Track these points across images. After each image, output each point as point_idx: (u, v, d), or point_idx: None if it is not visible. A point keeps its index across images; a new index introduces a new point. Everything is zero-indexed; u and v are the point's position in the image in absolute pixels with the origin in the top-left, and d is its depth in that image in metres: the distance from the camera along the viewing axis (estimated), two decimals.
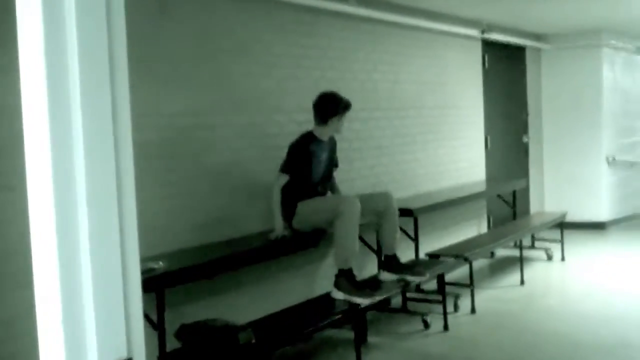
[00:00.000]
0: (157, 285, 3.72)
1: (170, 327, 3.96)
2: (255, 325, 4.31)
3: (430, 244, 6.74)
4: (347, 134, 5.68)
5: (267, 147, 5.27)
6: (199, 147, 4.74)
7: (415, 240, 6.42)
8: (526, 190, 9.50)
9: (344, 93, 5.41)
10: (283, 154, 4.95)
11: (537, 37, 9.93)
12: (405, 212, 5.74)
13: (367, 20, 6.40)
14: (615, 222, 10.35)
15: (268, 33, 5.34)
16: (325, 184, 5.19)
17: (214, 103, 4.86)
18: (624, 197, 10.72)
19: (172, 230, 4.49)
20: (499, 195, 8.28)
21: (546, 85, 10.24)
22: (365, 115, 6.38)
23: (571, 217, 9.02)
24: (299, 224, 4.97)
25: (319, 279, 5.59)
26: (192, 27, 4.70)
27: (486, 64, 8.69)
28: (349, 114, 5.12)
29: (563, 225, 8.29)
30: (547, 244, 8.38)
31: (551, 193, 10.29)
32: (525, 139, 9.75)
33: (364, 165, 6.36)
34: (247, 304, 4.84)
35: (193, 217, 4.67)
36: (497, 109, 9.04)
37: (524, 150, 9.81)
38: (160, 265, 3.84)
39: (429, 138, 7.49)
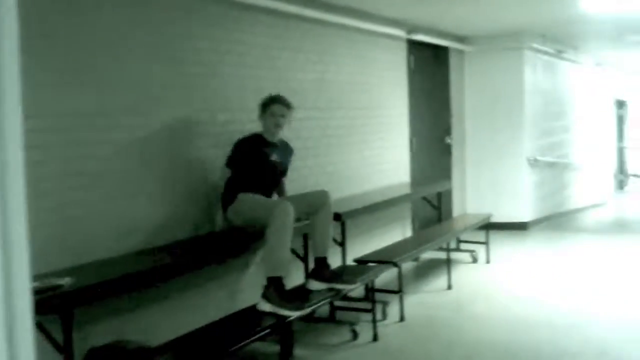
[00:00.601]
0: (60, 305, 3.28)
1: (80, 349, 3.55)
2: (175, 344, 3.93)
3: (357, 249, 6.47)
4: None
5: (193, 148, 4.88)
6: (112, 149, 4.31)
7: (343, 245, 6.14)
8: (450, 192, 9.36)
9: (269, 92, 5.18)
10: (209, 155, 4.62)
11: (461, 39, 9.81)
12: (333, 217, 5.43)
13: (293, 17, 6.07)
14: (537, 222, 10.34)
15: (190, 28, 4.94)
16: (272, 189, 5.03)
17: (130, 102, 4.44)
18: (544, 197, 10.73)
19: (88, 240, 4.05)
20: (424, 198, 8.09)
21: (469, 87, 10.13)
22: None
23: (494, 218, 8.90)
24: (233, 215, 4.74)
25: (243, 290, 5.24)
26: (102, 23, 4.27)
27: (412, 65, 8.49)
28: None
29: (488, 227, 8.16)
30: (472, 246, 8.23)
31: (474, 194, 10.19)
32: (448, 141, 9.61)
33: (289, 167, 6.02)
34: (167, 320, 4.44)
35: (115, 225, 4.26)
36: (421, 110, 8.86)
37: (447, 151, 9.67)
38: (66, 281, 3.40)
39: (355, 139, 7.21)
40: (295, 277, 5.56)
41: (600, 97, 14.37)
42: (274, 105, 4.88)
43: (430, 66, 9.17)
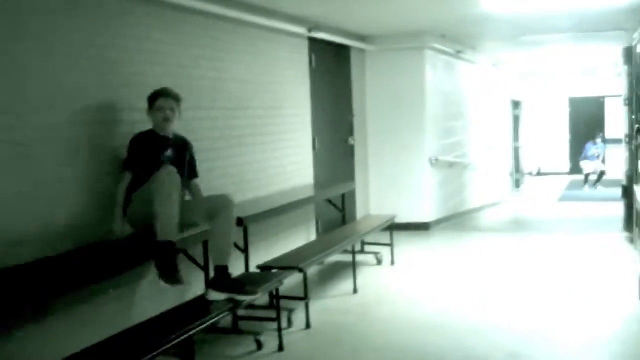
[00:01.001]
0: None
1: None
2: None
3: (260, 255, 6.22)
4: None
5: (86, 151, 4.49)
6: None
7: (245, 251, 5.87)
8: (353, 193, 9.23)
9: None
10: (106, 157, 4.39)
11: (362, 38, 9.68)
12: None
13: (186, 11, 5.74)
14: (438, 222, 10.35)
15: (66, 19, 4.50)
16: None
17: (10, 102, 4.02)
18: (445, 197, 10.76)
19: None
20: (328, 200, 7.90)
21: (370, 87, 10.03)
22: (185, 115, 5.72)
23: (397, 219, 8.83)
24: (132, 215, 4.51)
25: (138, 301, 4.88)
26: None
27: (313, 64, 8.29)
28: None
29: (392, 228, 8.06)
30: (376, 248, 8.11)
31: (377, 195, 10.10)
32: (351, 141, 9.47)
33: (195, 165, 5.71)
34: (53, 342, 4.04)
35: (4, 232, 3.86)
36: (324, 110, 8.68)
37: (350, 152, 9.53)
38: None
39: (256, 140, 6.93)
40: (196, 287, 5.26)
41: (497, 97, 14.62)
42: (160, 99, 4.67)
43: (332, 65, 9.00)
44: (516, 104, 17.15)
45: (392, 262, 7.97)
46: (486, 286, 7.01)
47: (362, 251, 8.14)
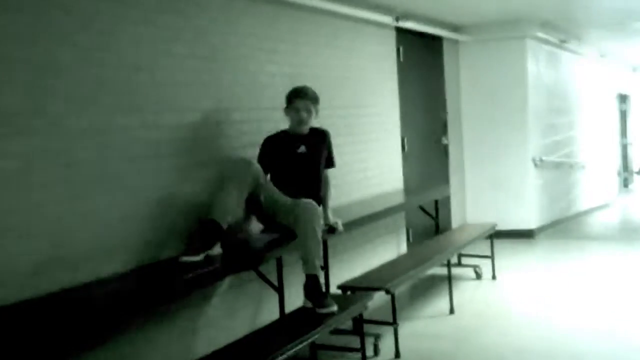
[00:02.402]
0: None
1: None
2: None
3: (342, 272, 5.46)
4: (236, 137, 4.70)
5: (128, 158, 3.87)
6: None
7: (325, 268, 5.12)
8: (448, 198, 8.35)
9: (230, 87, 4.66)
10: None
11: (455, 27, 8.81)
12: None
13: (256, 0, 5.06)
14: (543, 229, 9.34)
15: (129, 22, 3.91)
16: (305, 185, 4.56)
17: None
18: (550, 200, 9.73)
19: None
20: (420, 207, 7.06)
21: (465, 81, 9.12)
22: (257, 115, 5.03)
23: (497, 226, 7.94)
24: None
25: (199, 330, 4.21)
26: None
27: (401, 57, 7.48)
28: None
29: (492, 237, 7.15)
30: (475, 261, 7.22)
31: (474, 200, 9.18)
32: (444, 141, 8.60)
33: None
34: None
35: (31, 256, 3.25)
36: (414, 108, 7.85)
37: (444, 153, 8.65)
38: None
39: (339, 142, 6.14)
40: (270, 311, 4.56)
41: (603, 91, 13.40)
42: (297, 101, 4.55)
43: (423, 58, 8.16)
44: (623, 98, 15.82)
45: (494, 276, 7.07)
46: (606, 305, 6.02)
47: (459, 264, 7.27)
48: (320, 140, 4.72)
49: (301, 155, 4.57)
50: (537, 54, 9.32)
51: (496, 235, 7.30)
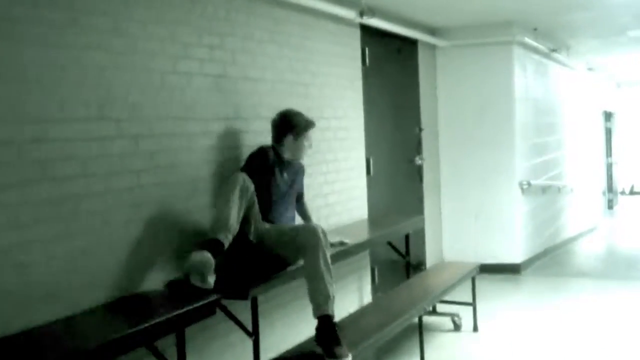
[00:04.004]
0: None
1: None
2: None
3: (283, 336, 4.00)
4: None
5: None
6: None
7: (254, 334, 3.67)
8: (422, 230, 6.92)
9: (122, 90, 3.30)
10: None
11: (432, 30, 7.40)
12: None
13: None
14: (530, 262, 7.92)
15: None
16: (286, 213, 4.12)
17: None
18: (537, 229, 8.34)
19: None
20: (388, 243, 5.61)
21: (443, 92, 7.70)
22: (163, 127, 3.58)
23: (478, 258, 6.59)
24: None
25: None
26: None
27: (367, 61, 6.05)
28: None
29: (474, 281, 5.72)
30: (453, 307, 5.77)
31: (452, 230, 7.74)
32: (418, 161, 7.16)
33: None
34: None
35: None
36: (382, 122, 6.43)
37: (417, 176, 7.21)
38: None
39: None
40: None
41: (589, 107, 12.10)
42: (310, 133, 4.20)
43: (393, 63, 6.72)
44: (608, 116, 14.55)
45: (475, 327, 5.63)
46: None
47: (433, 311, 5.82)
48: (299, 171, 4.34)
49: (288, 181, 4.17)
50: (524, 63, 7.93)
51: (479, 269, 5.90)
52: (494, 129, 7.54)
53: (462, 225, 7.66)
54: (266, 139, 4.27)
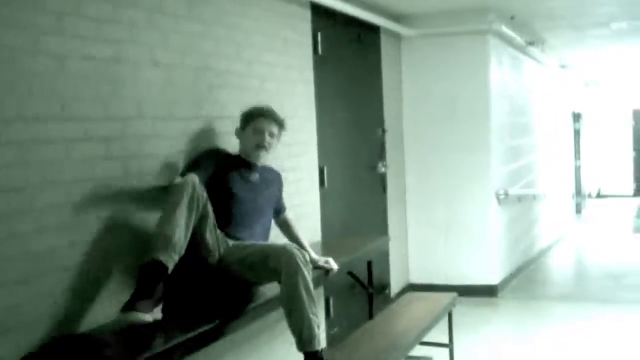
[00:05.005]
0: None
1: None
2: None
3: None
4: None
5: None
6: None
7: None
8: (385, 253, 5.80)
9: None
10: None
11: (397, 16, 6.29)
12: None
13: None
14: (507, 282, 6.88)
15: None
16: (258, 224, 3.44)
17: None
18: (513, 244, 7.30)
19: None
20: (350, 273, 4.47)
21: (409, 88, 6.59)
22: (16, 135, 2.42)
23: (449, 279, 5.68)
24: None
25: None
26: None
27: (319, 48, 4.91)
28: None
29: (451, 317, 4.62)
30: (425, 350, 4.64)
31: (419, 248, 6.64)
32: (381, 169, 6.05)
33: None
34: None
35: None
36: (338, 123, 5.29)
37: (381, 185, 6.10)
38: None
39: None
40: None
41: (560, 107, 11.15)
42: (261, 120, 3.45)
43: (351, 53, 5.59)
44: (577, 116, 13.66)
45: None
46: None
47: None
48: (274, 180, 3.66)
49: (254, 186, 3.45)
50: (500, 56, 6.87)
51: (451, 292, 4.85)
52: (467, 130, 6.45)
53: (431, 242, 6.57)
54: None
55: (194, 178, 2.98)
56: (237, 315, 2.98)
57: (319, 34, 4.88)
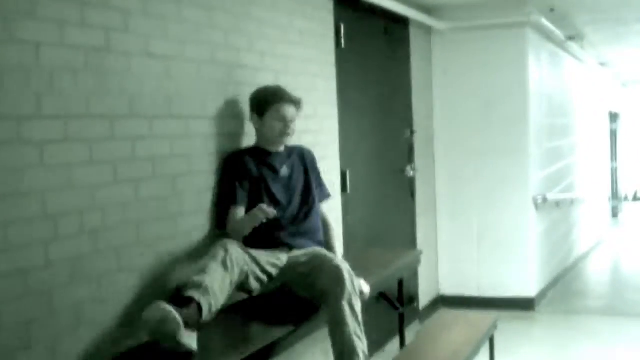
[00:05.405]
0: None
1: None
2: None
3: None
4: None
5: None
6: None
7: None
8: (414, 267, 5.32)
9: None
10: None
11: (427, 8, 5.81)
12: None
13: None
14: (544, 294, 6.37)
15: None
16: (298, 224, 3.16)
17: None
18: (551, 253, 6.78)
19: None
20: (381, 294, 4.00)
21: (440, 86, 6.11)
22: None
23: (482, 292, 5.37)
24: None
25: None
26: None
27: (342, 41, 4.46)
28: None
29: (493, 344, 4.13)
30: None
31: (450, 257, 6.15)
32: (410, 172, 5.57)
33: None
34: None
35: None
36: (362, 123, 4.83)
37: (409, 190, 5.63)
38: None
39: None
40: None
41: (597, 107, 10.57)
42: (282, 104, 3.14)
43: (377, 47, 5.13)
44: (614, 117, 13.05)
45: None
46: None
47: None
48: (301, 161, 3.33)
49: (286, 180, 3.19)
50: (539, 52, 6.36)
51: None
52: (503, 132, 5.94)
53: (463, 251, 6.07)
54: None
55: (229, 244, 2.75)
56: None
57: (342, 26, 4.43)
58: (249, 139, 3.35)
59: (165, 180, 2.82)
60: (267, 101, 3.15)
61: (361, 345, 2.81)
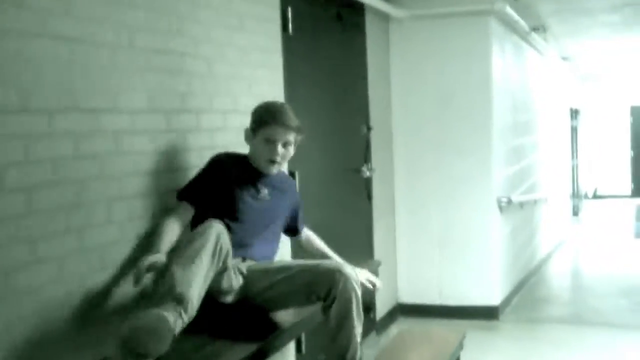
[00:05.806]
0: None
1: None
2: None
3: None
4: None
5: None
6: None
7: None
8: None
9: None
10: None
11: None
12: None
13: None
14: (508, 301, 6.01)
15: None
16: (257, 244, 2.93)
17: None
18: (514, 257, 6.43)
19: None
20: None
21: (399, 79, 5.68)
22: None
23: (444, 299, 5.24)
24: None
25: None
26: None
27: (290, 28, 3.99)
28: None
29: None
30: None
31: (408, 264, 5.74)
32: (366, 172, 5.14)
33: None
34: None
35: None
36: (313, 118, 4.38)
37: (366, 191, 5.20)
38: None
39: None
40: None
41: (558, 103, 10.32)
42: (273, 127, 2.86)
43: (329, 35, 4.68)
44: (574, 113, 12.86)
45: None
46: None
47: None
48: (287, 190, 3.10)
49: (264, 203, 2.94)
50: (503, 44, 5.99)
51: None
52: (466, 128, 5.55)
53: (423, 257, 5.67)
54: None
55: (218, 226, 2.49)
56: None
57: (289, 9, 3.96)
58: (176, 135, 2.88)
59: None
60: (261, 121, 2.90)
61: (360, 349, 2.78)
